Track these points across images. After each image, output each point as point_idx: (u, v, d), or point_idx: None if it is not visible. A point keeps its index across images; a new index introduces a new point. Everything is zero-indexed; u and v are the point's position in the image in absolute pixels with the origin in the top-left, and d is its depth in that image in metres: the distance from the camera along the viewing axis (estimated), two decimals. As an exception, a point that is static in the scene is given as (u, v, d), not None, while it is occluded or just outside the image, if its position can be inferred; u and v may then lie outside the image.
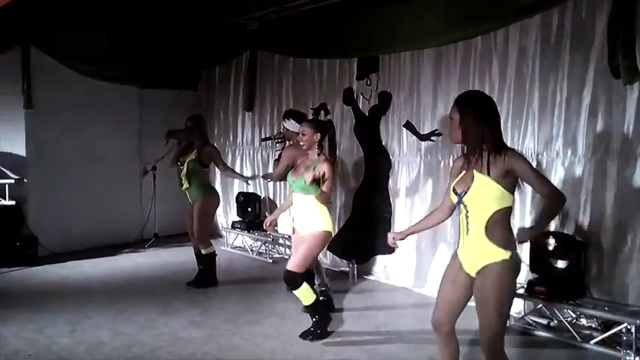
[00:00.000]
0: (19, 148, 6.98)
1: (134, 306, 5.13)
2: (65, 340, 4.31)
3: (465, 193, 2.76)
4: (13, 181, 6.76)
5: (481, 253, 2.75)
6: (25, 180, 6.94)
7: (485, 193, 2.70)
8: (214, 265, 5.86)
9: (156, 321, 4.75)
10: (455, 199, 2.84)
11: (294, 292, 4.25)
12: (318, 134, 4.24)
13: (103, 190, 7.55)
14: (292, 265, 4.18)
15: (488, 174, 2.68)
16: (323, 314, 4.37)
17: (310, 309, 4.31)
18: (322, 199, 4.14)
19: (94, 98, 7.38)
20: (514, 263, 2.74)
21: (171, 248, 7.44)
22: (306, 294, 4.24)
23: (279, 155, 5.04)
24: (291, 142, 5.14)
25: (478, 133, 2.70)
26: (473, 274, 2.81)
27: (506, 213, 2.73)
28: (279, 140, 4.97)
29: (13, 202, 6.68)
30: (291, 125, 5.10)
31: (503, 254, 2.70)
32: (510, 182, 2.69)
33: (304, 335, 4.30)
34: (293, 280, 4.19)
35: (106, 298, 5.40)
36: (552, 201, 2.69)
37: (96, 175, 7.43)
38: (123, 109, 7.87)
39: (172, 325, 4.66)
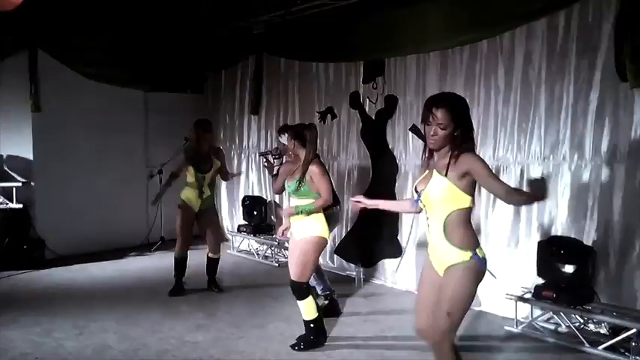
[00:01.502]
0: (26, 151, 7.01)
1: (140, 309, 5.14)
2: (72, 343, 4.32)
3: (422, 191, 2.80)
4: (20, 184, 6.80)
5: (443, 254, 2.76)
6: (32, 183, 6.98)
7: (440, 194, 2.71)
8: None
9: (162, 324, 4.75)
10: (415, 196, 2.89)
11: (298, 302, 4.20)
12: (293, 142, 4.22)
13: (110, 193, 7.57)
14: (294, 276, 4.14)
15: (446, 175, 2.68)
16: (318, 337, 4.26)
17: (308, 324, 4.23)
18: (323, 201, 4.09)
19: (100, 102, 7.42)
20: (473, 265, 2.71)
21: (177, 251, 7.43)
22: (309, 308, 4.20)
23: (277, 171, 5.05)
24: (288, 158, 5.03)
25: (459, 136, 2.71)
26: (441, 274, 2.80)
27: (464, 214, 2.73)
28: (277, 156, 4.98)
29: (21, 206, 6.71)
30: (286, 140, 5.06)
31: (463, 256, 2.70)
32: (468, 184, 2.69)
33: (293, 345, 4.22)
34: (299, 290, 4.15)
35: (113, 301, 5.41)
36: (515, 199, 2.73)
37: (102, 178, 7.45)
38: (129, 113, 7.90)
39: (178, 328, 4.67)
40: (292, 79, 7.26)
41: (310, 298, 4.20)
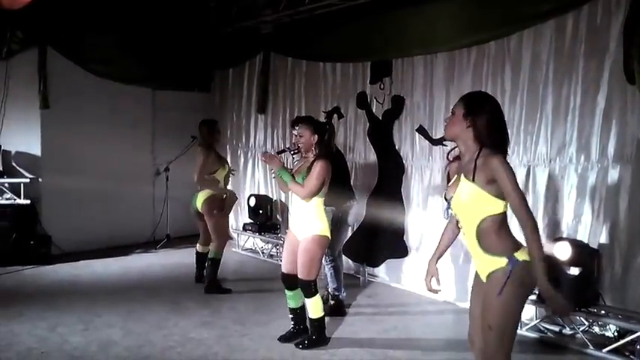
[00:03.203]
0: (34, 147, 7.06)
1: (145, 306, 5.16)
2: (77, 338, 4.35)
3: (451, 199, 2.63)
4: (28, 180, 6.85)
5: (481, 262, 2.61)
6: (40, 179, 7.03)
7: (468, 200, 2.54)
8: None
9: (167, 321, 4.78)
10: (444, 205, 2.71)
11: (306, 300, 4.19)
12: (316, 136, 4.16)
13: (116, 190, 7.59)
14: (302, 275, 4.11)
15: (473, 179, 2.51)
16: (322, 336, 4.26)
17: (314, 322, 4.23)
18: (301, 191, 4.04)
19: (108, 99, 7.47)
20: (514, 273, 2.45)
21: (182, 249, 7.47)
22: (317, 306, 4.19)
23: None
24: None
25: (476, 133, 2.56)
26: (485, 280, 2.62)
27: (498, 219, 2.51)
28: (296, 151, 5.01)
29: (28, 201, 6.76)
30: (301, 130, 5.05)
31: (499, 262, 2.50)
32: (498, 188, 2.48)
33: (297, 343, 4.24)
34: (307, 288, 4.14)
35: (118, 297, 5.44)
36: (524, 229, 2.44)
37: (109, 175, 7.47)
38: (137, 111, 7.94)
39: (183, 325, 4.69)
40: (299, 78, 7.27)
41: (318, 297, 4.20)
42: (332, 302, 5.03)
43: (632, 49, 4.04)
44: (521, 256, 2.49)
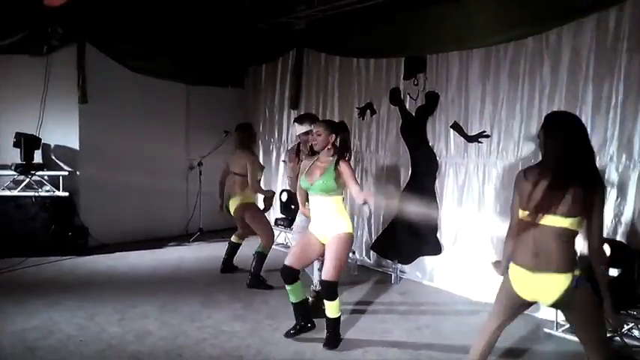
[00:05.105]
0: (72, 141, 7.22)
1: (179, 298, 5.24)
2: (114, 328, 4.45)
3: None
4: (66, 173, 7.02)
5: None
6: (78, 172, 7.20)
7: None
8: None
9: (200, 313, 4.85)
10: None
11: (326, 302, 4.17)
12: (333, 135, 4.15)
13: (151, 184, 7.71)
14: (329, 276, 4.07)
15: None
16: (339, 334, 4.26)
17: (332, 321, 4.21)
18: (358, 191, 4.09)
19: (144, 94, 7.59)
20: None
21: (215, 243, 7.56)
22: (336, 306, 4.17)
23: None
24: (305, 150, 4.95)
25: None
26: None
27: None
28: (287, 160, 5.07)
29: (67, 194, 6.92)
30: (302, 129, 5.05)
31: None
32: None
33: (323, 345, 4.19)
34: (332, 291, 4.11)
35: (152, 288, 5.54)
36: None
37: (144, 169, 7.60)
38: (171, 106, 8.05)
39: (216, 317, 4.75)
40: (332, 74, 7.26)
41: (338, 299, 4.18)
42: (311, 300, 4.85)
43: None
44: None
